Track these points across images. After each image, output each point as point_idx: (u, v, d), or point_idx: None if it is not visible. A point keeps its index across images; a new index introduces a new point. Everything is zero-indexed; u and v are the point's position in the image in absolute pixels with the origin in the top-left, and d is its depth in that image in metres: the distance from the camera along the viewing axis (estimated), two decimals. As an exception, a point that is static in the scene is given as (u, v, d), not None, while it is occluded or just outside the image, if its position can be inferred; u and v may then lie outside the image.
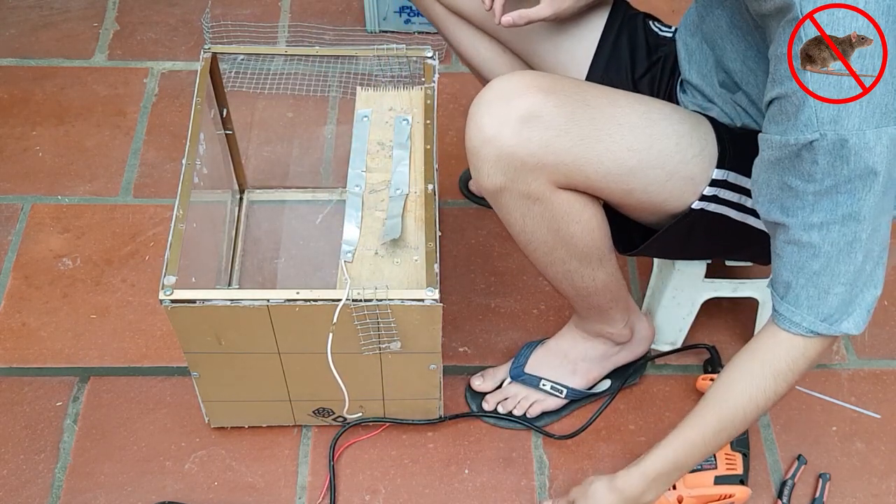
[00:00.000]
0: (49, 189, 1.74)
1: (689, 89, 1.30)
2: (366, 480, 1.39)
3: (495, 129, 1.08)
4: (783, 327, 1.07)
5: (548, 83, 1.10)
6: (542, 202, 1.14)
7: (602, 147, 1.10)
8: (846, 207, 0.97)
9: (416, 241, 1.27)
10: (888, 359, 1.55)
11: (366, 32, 2.01)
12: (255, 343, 1.23)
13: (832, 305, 1.04)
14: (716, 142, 1.17)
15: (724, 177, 1.15)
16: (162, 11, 2.08)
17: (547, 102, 1.08)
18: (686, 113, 1.20)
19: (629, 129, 1.11)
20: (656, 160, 1.12)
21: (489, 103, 1.10)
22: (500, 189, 1.13)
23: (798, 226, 1.00)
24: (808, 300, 1.04)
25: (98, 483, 1.38)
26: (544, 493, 1.39)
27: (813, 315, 1.04)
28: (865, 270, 1.02)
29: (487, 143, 1.09)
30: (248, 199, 1.69)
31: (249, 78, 1.88)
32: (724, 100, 1.24)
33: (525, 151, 1.08)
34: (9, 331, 1.55)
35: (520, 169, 1.10)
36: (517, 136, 1.08)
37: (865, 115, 0.91)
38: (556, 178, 1.12)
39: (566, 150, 1.09)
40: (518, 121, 1.07)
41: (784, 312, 1.06)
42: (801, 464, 1.41)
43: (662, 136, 1.13)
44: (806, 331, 1.05)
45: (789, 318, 1.06)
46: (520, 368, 1.45)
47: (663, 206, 1.17)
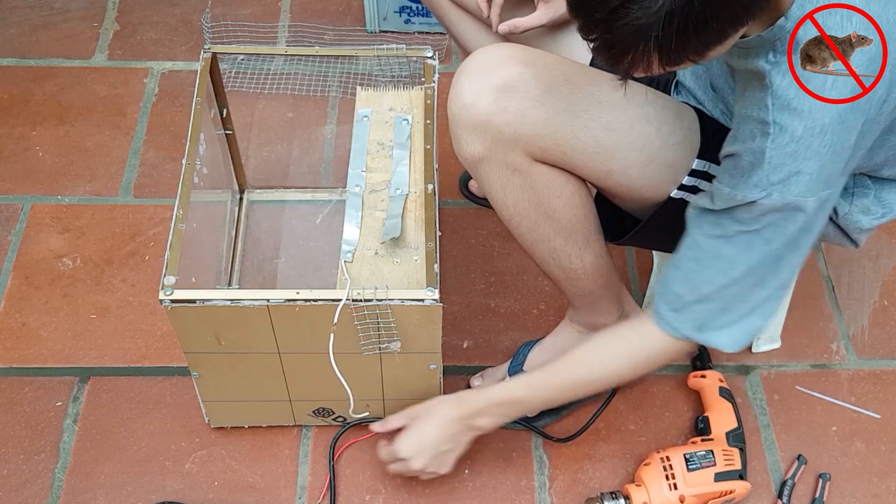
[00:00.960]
0: (49, 189, 1.74)
1: (682, 90, 1.30)
2: (366, 480, 1.39)
3: (473, 96, 1.10)
4: (660, 327, 1.15)
5: (529, 56, 1.12)
6: (521, 174, 1.15)
7: (579, 122, 1.11)
8: (768, 234, 1.03)
9: (416, 241, 1.27)
10: (888, 359, 1.55)
11: (366, 32, 2.01)
12: (255, 343, 1.23)
13: (712, 314, 1.11)
14: (699, 132, 1.17)
15: (704, 168, 1.16)
16: (162, 11, 2.08)
17: (525, 73, 1.09)
18: (671, 101, 1.20)
19: (609, 108, 1.12)
20: (636, 142, 1.13)
21: (469, 73, 1.12)
22: (478, 158, 1.15)
23: (708, 236, 1.08)
24: (694, 312, 1.12)
25: (98, 483, 1.38)
26: (544, 493, 1.39)
27: (691, 323, 1.13)
28: (760, 295, 1.09)
29: (465, 110, 1.11)
30: (248, 199, 1.69)
31: (249, 78, 1.88)
32: (715, 104, 1.24)
33: (501, 120, 1.10)
34: (9, 331, 1.55)
35: (496, 138, 1.11)
36: (494, 104, 1.09)
37: (811, 185, 0.97)
38: (532, 151, 1.13)
39: (541, 122, 1.10)
40: (495, 89, 1.09)
41: (666, 316, 1.14)
42: (801, 464, 1.41)
43: (644, 119, 1.14)
44: (680, 334, 1.14)
45: (670, 322, 1.14)
46: (518, 367, 1.45)
47: (642, 192, 1.18)
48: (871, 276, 1.65)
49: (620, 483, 1.39)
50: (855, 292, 1.63)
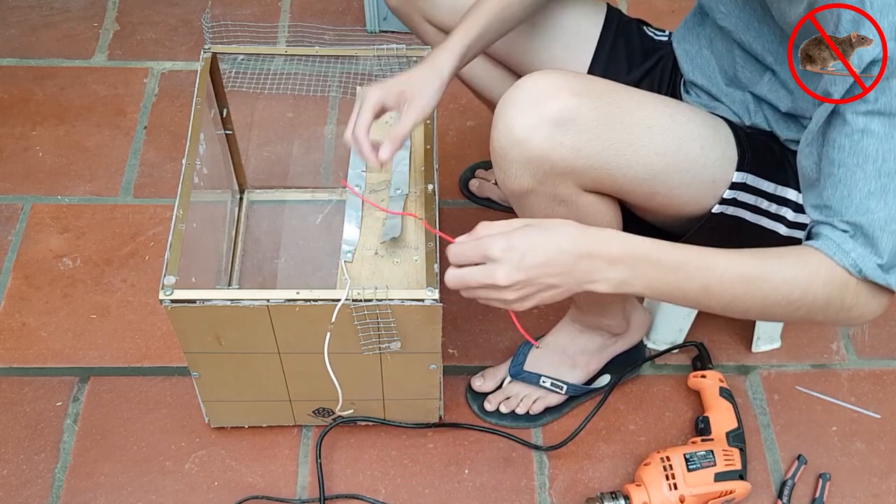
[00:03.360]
0: (49, 189, 1.74)
1: (693, 90, 1.30)
2: (366, 480, 1.39)
3: (527, 131, 1.05)
4: (827, 253, 0.98)
5: (580, 85, 1.07)
6: (567, 204, 1.12)
7: (631, 151, 1.08)
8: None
9: (416, 241, 1.27)
10: (888, 359, 1.55)
11: (366, 32, 2.01)
12: (255, 343, 1.23)
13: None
14: (735, 144, 1.16)
15: (743, 179, 1.15)
16: (162, 11, 2.08)
17: (581, 106, 1.05)
18: (707, 115, 1.19)
19: (658, 133, 1.09)
20: (682, 163, 1.11)
21: (519, 104, 1.06)
22: (527, 191, 1.11)
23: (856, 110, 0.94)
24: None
25: (98, 483, 1.38)
26: (544, 493, 1.39)
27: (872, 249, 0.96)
28: None
29: (517, 144, 1.06)
30: (248, 199, 1.69)
31: (249, 78, 1.88)
32: (732, 99, 1.24)
33: (557, 155, 1.06)
34: (9, 331, 1.55)
35: (549, 172, 1.08)
36: (549, 139, 1.05)
37: None
38: (584, 182, 1.10)
39: (597, 155, 1.07)
40: (551, 124, 1.04)
41: (832, 236, 0.98)
42: (801, 464, 1.41)
43: (689, 139, 1.12)
44: (853, 266, 0.97)
45: (838, 243, 0.97)
46: (519, 367, 1.45)
47: (683, 209, 1.17)
48: (871, 276, 1.65)
49: (620, 483, 1.39)
50: (855, 292, 1.63)
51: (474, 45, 1.22)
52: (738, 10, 1.18)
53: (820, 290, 0.99)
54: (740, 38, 1.19)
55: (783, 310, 1.00)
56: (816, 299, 0.99)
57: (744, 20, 1.17)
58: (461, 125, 1.79)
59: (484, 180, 1.72)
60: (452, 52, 1.20)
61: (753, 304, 1.00)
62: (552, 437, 1.44)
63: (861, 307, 1.01)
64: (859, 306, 1.00)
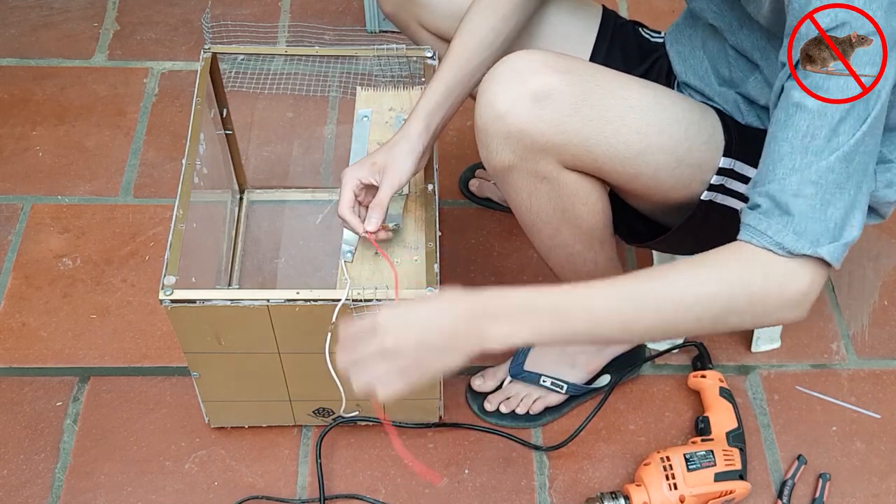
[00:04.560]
0: (49, 189, 1.74)
1: (686, 91, 1.30)
2: (366, 480, 1.39)
3: (507, 105, 1.08)
4: (745, 239, 0.96)
5: (562, 63, 1.09)
6: (549, 181, 1.14)
7: (612, 129, 1.09)
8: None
9: (416, 241, 1.27)
10: (888, 359, 1.55)
11: (366, 32, 2.01)
12: (255, 343, 1.23)
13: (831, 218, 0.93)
14: (722, 130, 1.17)
15: (730, 165, 1.16)
16: (162, 11, 2.08)
17: (561, 82, 1.07)
18: (694, 101, 1.20)
19: (640, 112, 1.11)
20: (666, 145, 1.12)
21: (501, 80, 1.09)
22: (508, 167, 1.13)
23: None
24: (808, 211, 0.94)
25: (98, 483, 1.38)
26: (544, 493, 1.39)
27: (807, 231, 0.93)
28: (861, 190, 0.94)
29: (498, 119, 1.09)
30: (248, 199, 1.69)
31: (249, 78, 1.88)
32: (725, 98, 1.24)
33: (536, 130, 1.08)
34: (9, 331, 1.55)
35: (529, 147, 1.10)
36: (529, 114, 1.07)
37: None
38: (564, 159, 1.12)
39: (576, 131, 1.08)
40: (531, 99, 1.07)
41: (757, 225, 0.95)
42: (801, 464, 1.41)
43: (673, 121, 1.13)
44: (779, 247, 0.94)
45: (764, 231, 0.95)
46: (519, 366, 1.45)
47: (669, 194, 1.17)
48: (871, 276, 1.65)
49: (620, 483, 1.39)
50: (855, 292, 1.63)
51: (443, 101, 1.23)
52: (728, 8, 1.19)
53: (736, 279, 0.94)
54: (731, 37, 1.20)
55: (702, 314, 0.95)
56: (734, 291, 0.94)
57: (734, 17, 1.18)
58: (461, 125, 1.79)
59: (484, 180, 1.72)
60: (418, 117, 1.22)
61: (657, 322, 0.95)
62: (552, 437, 1.44)
63: (794, 282, 0.94)
64: (788, 283, 0.94)
